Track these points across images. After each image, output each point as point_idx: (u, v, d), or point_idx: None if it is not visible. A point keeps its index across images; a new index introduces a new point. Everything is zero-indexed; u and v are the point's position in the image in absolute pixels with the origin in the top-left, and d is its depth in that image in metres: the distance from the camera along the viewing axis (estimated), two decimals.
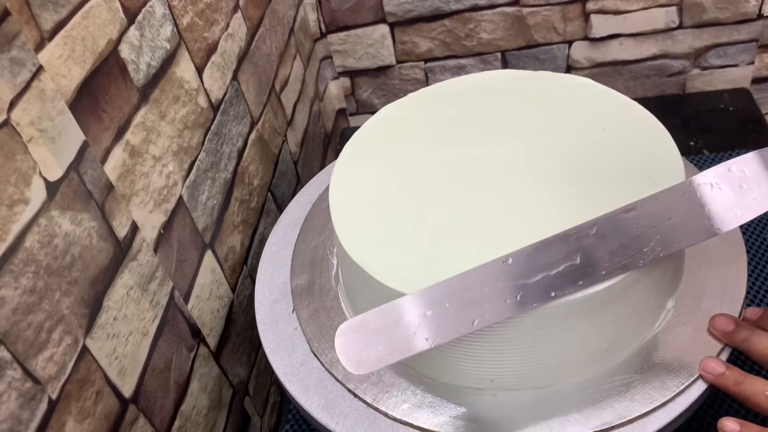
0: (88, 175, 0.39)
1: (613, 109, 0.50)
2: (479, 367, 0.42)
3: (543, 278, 0.38)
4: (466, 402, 0.42)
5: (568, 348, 0.41)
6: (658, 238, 0.38)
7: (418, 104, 0.54)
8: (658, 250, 0.38)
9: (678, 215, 0.39)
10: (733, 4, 0.81)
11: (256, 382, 0.61)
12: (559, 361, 0.41)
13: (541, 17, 0.84)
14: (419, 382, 0.44)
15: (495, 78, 0.55)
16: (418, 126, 0.52)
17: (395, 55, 0.90)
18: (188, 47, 0.52)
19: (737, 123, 0.80)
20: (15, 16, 0.34)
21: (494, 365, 0.41)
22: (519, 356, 0.41)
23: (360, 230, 0.45)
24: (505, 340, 0.40)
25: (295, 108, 0.77)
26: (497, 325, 0.38)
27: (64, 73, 0.38)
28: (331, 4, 0.86)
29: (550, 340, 0.40)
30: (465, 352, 0.41)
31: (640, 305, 0.42)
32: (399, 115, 0.54)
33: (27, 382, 0.33)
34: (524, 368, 0.41)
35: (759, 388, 0.38)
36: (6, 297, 0.32)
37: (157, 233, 0.46)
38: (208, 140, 0.54)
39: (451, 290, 0.38)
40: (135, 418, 0.42)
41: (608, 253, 0.38)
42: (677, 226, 0.39)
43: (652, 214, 0.39)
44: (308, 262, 0.53)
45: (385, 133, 0.52)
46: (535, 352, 0.41)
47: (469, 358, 0.41)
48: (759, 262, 0.59)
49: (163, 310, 0.46)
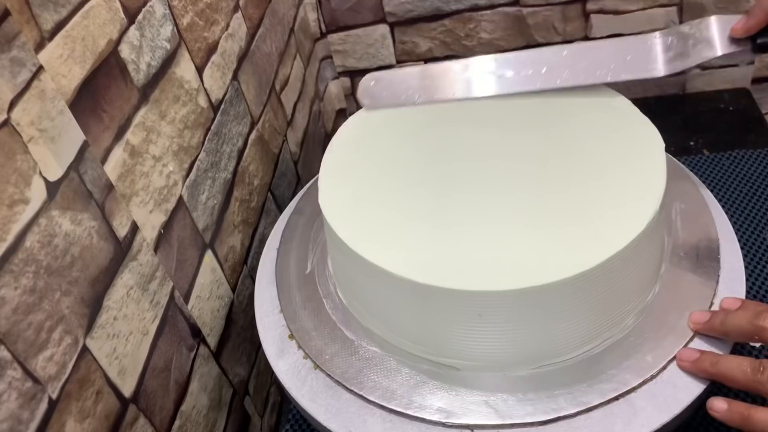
0: (89, 175, 0.39)
1: (600, 103, 0.52)
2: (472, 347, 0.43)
3: (516, 74, 0.52)
4: (476, 385, 0.43)
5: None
6: (612, 67, 0.50)
7: None
8: (608, 74, 0.50)
9: (634, 55, 0.50)
10: (733, 4, 0.81)
11: (256, 381, 0.61)
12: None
13: (541, 17, 0.84)
14: (420, 373, 0.44)
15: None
16: (405, 118, 0.54)
17: (395, 55, 0.90)
18: (188, 47, 0.52)
19: (737, 123, 0.80)
20: (15, 16, 0.34)
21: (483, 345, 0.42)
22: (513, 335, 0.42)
23: (348, 214, 0.46)
24: (495, 320, 0.41)
25: (295, 108, 0.77)
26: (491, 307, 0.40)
27: (65, 73, 0.38)
28: (331, 4, 0.86)
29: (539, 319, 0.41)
30: (471, 335, 0.42)
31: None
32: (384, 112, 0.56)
33: (27, 382, 0.33)
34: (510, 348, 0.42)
35: (735, 364, 0.39)
36: (6, 297, 0.32)
37: (158, 233, 0.46)
38: (208, 140, 0.54)
39: (442, 69, 0.54)
40: (135, 418, 0.42)
41: (570, 69, 0.51)
42: (630, 62, 0.50)
43: (615, 49, 0.51)
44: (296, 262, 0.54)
45: (373, 124, 0.54)
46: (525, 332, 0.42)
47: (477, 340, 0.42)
48: (759, 262, 0.59)
49: (163, 309, 0.46)
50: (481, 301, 0.40)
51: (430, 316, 0.42)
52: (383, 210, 0.46)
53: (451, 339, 0.43)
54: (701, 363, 0.41)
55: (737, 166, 0.70)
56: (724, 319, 0.41)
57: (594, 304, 0.41)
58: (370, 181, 0.48)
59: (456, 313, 0.41)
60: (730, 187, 0.67)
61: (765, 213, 0.64)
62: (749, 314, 0.40)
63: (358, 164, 0.50)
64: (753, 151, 0.72)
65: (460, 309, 0.41)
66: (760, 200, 0.65)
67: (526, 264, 0.40)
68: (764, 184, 0.67)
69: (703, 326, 0.42)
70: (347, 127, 0.54)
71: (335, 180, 0.49)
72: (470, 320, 0.41)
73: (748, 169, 0.69)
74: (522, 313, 0.41)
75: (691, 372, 0.41)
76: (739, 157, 0.71)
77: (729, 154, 0.71)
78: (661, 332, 0.43)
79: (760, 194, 0.66)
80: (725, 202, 0.65)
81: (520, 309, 0.40)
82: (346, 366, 0.45)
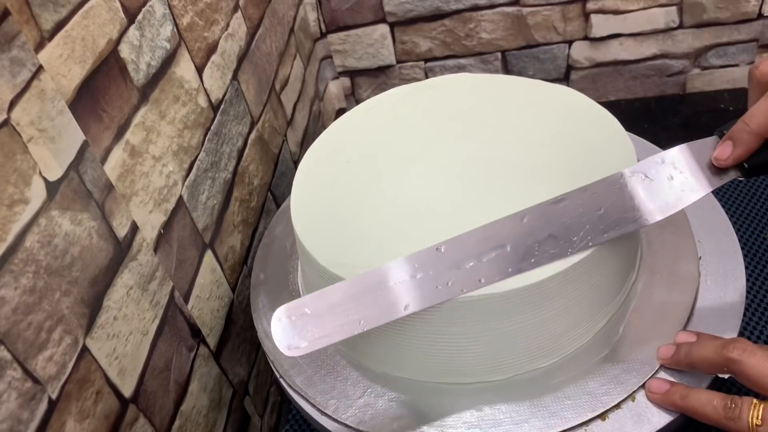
0: (88, 175, 0.39)
1: (570, 106, 0.51)
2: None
3: (473, 266, 0.39)
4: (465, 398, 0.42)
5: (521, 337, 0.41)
6: (588, 228, 0.40)
7: (384, 104, 0.56)
8: (587, 239, 0.39)
9: (608, 206, 0.40)
10: (733, 4, 0.81)
11: (256, 381, 0.61)
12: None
13: (541, 17, 0.84)
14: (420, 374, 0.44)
15: (453, 80, 0.58)
16: (381, 125, 0.54)
17: (395, 55, 0.90)
18: (188, 47, 0.52)
19: None
20: (15, 16, 0.34)
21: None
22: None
23: (315, 223, 0.46)
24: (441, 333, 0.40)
25: (295, 108, 0.77)
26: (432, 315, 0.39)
27: (64, 73, 0.38)
28: (331, 4, 0.86)
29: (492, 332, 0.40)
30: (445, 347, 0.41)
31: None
32: (364, 116, 0.56)
33: (27, 382, 0.33)
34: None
35: (705, 399, 0.37)
36: (6, 297, 0.32)
37: (157, 233, 0.46)
38: (208, 140, 0.54)
39: (380, 278, 0.39)
40: (135, 418, 0.42)
41: (537, 242, 0.39)
42: (607, 216, 0.40)
43: (583, 204, 0.40)
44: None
45: (349, 133, 0.54)
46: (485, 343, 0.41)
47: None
48: (759, 262, 0.59)
49: (163, 309, 0.46)
50: (450, 310, 0.40)
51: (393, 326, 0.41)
52: (348, 219, 0.46)
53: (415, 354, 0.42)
54: (671, 395, 0.39)
55: None
56: (688, 350, 0.39)
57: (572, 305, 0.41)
58: (342, 194, 0.48)
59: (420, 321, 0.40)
60: (730, 188, 0.67)
61: (765, 213, 0.64)
62: (715, 344, 0.38)
63: (332, 177, 0.50)
64: None
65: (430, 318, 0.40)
66: (760, 200, 0.65)
67: None
68: (764, 184, 0.67)
69: (670, 361, 0.40)
70: (317, 145, 0.54)
71: (307, 197, 0.49)
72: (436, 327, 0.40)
73: None
74: (482, 323, 0.40)
75: (661, 404, 0.39)
76: None
77: None
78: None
79: (760, 194, 0.66)
80: (725, 202, 0.65)
81: (479, 318, 0.40)
82: None
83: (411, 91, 0.57)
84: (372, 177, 0.49)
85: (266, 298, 0.52)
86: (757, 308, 0.55)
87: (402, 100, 0.56)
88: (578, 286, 0.40)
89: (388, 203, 0.47)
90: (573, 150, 0.47)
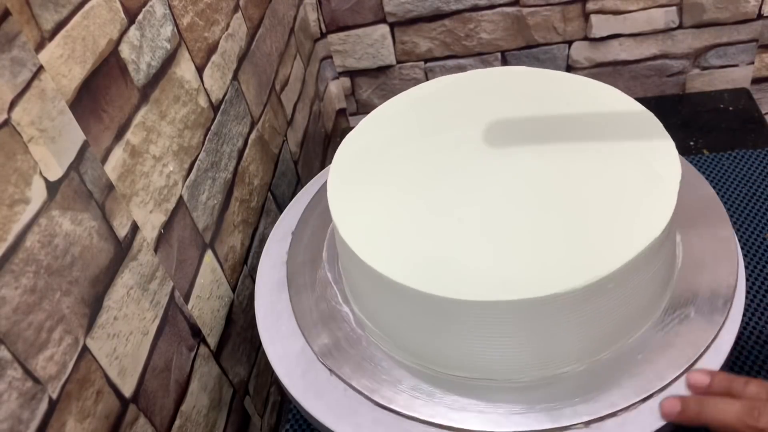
0: (89, 175, 0.39)
1: (611, 106, 0.51)
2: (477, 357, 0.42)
3: None
4: (474, 393, 0.43)
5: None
6: None
7: (413, 102, 0.55)
8: None
9: None
10: (733, 4, 0.81)
11: (256, 381, 0.61)
12: None
13: (541, 17, 0.84)
14: (423, 377, 0.44)
15: (490, 75, 0.57)
16: (411, 124, 0.53)
17: (395, 55, 0.90)
18: (188, 47, 0.52)
19: (737, 123, 0.80)
20: (15, 16, 0.34)
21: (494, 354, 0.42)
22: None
23: (358, 222, 0.46)
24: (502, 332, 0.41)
25: (295, 108, 0.77)
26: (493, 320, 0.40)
27: (65, 73, 0.38)
28: (331, 4, 0.86)
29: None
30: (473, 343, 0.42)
31: None
32: (394, 113, 0.55)
33: (27, 382, 0.33)
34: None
35: (722, 407, 0.36)
36: (6, 297, 0.32)
37: (158, 233, 0.46)
38: (209, 140, 0.54)
39: None
40: (135, 418, 0.42)
41: None
42: None
43: None
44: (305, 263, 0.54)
45: (382, 130, 0.53)
46: None
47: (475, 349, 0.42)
48: (759, 262, 0.59)
49: (164, 309, 0.46)
50: (480, 311, 0.40)
51: (432, 325, 0.42)
52: (390, 220, 0.45)
53: (450, 348, 0.43)
54: (686, 413, 0.38)
55: (737, 166, 0.70)
56: (700, 409, 0.37)
57: (602, 315, 0.41)
58: (378, 191, 0.48)
59: (457, 322, 0.41)
60: (730, 187, 0.67)
61: (765, 213, 0.64)
62: (737, 409, 0.36)
63: (367, 173, 0.50)
64: (753, 151, 0.72)
65: (461, 318, 0.41)
66: (760, 200, 0.65)
67: (531, 274, 0.40)
68: (764, 184, 0.67)
69: (677, 417, 0.38)
70: (352, 137, 0.53)
71: (344, 189, 0.49)
72: (472, 330, 0.41)
73: (748, 169, 0.69)
74: (524, 324, 0.40)
75: (679, 422, 0.38)
76: (739, 157, 0.71)
77: (729, 154, 0.71)
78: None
79: (760, 194, 0.66)
80: (725, 202, 0.65)
81: (522, 319, 0.40)
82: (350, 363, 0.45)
83: (470, 78, 0.56)
84: (412, 175, 0.48)
85: None
86: (757, 308, 0.55)
87: (455, 90, 0.55)
88: None
89: (432, 200, 0.46)
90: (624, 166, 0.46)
